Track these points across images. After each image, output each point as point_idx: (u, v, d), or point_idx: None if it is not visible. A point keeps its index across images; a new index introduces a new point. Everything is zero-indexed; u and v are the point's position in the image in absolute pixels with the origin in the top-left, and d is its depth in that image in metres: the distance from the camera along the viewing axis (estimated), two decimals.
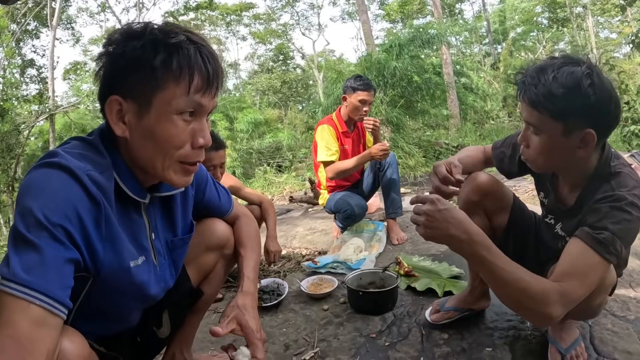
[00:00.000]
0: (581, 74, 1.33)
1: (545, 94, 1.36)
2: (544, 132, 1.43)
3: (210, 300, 1.83)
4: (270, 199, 8.23)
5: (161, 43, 1.08)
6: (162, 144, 1.13)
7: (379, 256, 3.27)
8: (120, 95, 1.10)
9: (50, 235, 0.95)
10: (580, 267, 1.34)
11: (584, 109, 1.34)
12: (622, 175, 1.45)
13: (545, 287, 1.30)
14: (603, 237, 1.33)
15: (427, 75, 10.80)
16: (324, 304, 2.55)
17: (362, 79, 3.73)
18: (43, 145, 21.52)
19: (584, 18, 25.87)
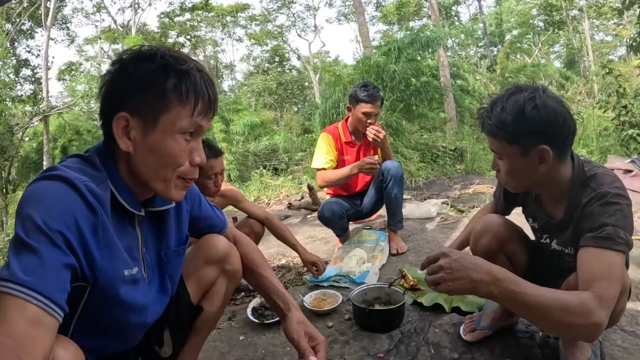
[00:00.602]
0: (524, 100, 1.50)
1: (497, 123, 1.54)
2: (505, 156, 1.59)
3: (211, 320, 1.76)
4: (267, 203, 8.18)
5: (172, 68, 1.18)
6: (164, 159, 1.20)
7: (382, 267, 3.19)
8: (128, 112, 1.16)
9: (49, 241, 0.98)
10: (600, 269, 1.37)
11: (532, 129, 1.49)
12: (598, 176, 1.55)
13: (582, 298, 1.31)
14: (606, 232, 1.40)
15: (424, 78, 10.75)
16: (328, 320, 2.47)
17: (368, 88, 3.53)
18: (37, 146, 21.41)
19: (579, 21, 25.94)
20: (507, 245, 1.93)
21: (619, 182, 1.54)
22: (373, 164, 3.30)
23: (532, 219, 1.90)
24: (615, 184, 1.51)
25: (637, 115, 7.52)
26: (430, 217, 4.67)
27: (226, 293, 1.75)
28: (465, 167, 9.26)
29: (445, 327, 2.26)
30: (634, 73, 15.04)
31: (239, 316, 2.66)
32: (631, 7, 9.61)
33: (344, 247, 3.55)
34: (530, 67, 18.84)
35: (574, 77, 22.65)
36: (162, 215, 1.43)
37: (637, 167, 5.36)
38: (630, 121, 7.47)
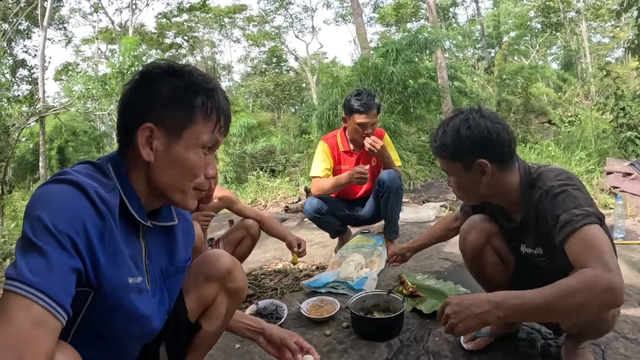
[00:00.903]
0: (459, 122, 1.70)
1: (440, 145, 1.74)
2: (452, 173, 1.79)
3: (210, 339, 1.71)
4: (264, 205, 8.13)
5: (200, 86, 1.25)
6: (185, 171, 1.26)
7: (380, 273, 3.15)
8: (154, 123, 1.21)
9: (58, 243, 0.99)
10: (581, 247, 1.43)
11: (469, 147, 1.67)
12: (543, 174, 1.69)
13: (581, 275, 1.34)
14: (563, 220, 1.49)
15: (422, 80, 10.72)
16: (325, 328, 2.43)
17: (361, 97, 3.40)
18: (34, 147, 21.34)
19: (577, 23, 25.96)
20: (493, 239, 1.99)
21: (564, 173, 1.66)
22: (362, 173, 3.23)
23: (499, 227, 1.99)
24: (558, 177, 1.63)
25: (635, 118, 7.52)
26: (429, 220, 4.64)
27: (227, 312, 1.69)
28: None
29: (445, 336, 2.22)
30: (632, 75, 15.07)
31: None
32: (629, 9, 9.58)
33: (342, 252, 3.50)
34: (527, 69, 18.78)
35: (571, 79, 22.67)
36: (167, 231, 1.44)
37: (637, 170, 5.35)
38: (629, 123, 7.47)
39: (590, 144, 8.13)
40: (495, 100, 17.49)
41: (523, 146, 9.14)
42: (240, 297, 1.72)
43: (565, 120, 14.98)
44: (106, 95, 16.41)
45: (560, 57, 32.32)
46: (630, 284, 2.74)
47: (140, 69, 1.29)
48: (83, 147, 23.67)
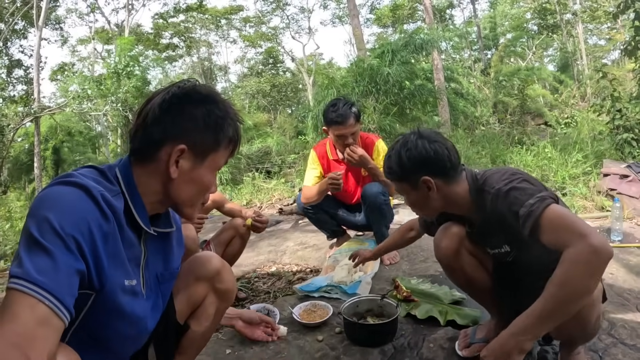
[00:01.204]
0: (399, 146, 1.82)
1: (388, 169, 1.89)
2: (403, 192, 1.90)
3: (199, 340, 1.70)
4: (259, 206, 8.09)
5: (229, 115, 1.36)
6: (202, 189, 1.37)
7: (374, 276, 3.10)
8: (186, 144, 1.27)
9: (64, 244, 1.01)
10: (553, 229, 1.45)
11: (410, 167, 1.78)
12: (488, 179, 1.74)
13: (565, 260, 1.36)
14: (527, 210, 1.51)
15: (418, 81, 10.70)
16: (318, 333, 2.38)
17: (337, 108, 3.29)
18: (29, 147, 21.26)
19: (573, 25, 25.99)
20: (466, 242, 2.00)
21: (507, 171, 1.72)
22: (335, 179, 3.16)
23: None
24: (502, 177, 1.68)
25: (632, 119, 7.51)
26: None
27: (216, 313, 1.70)
28: None
29: (440, 342, 2.18)
30: (628, 77, 15.09)
31: (226, 328, 2.55)
32: (625, 11, 9.59)
33: (335, 256, 3.45)
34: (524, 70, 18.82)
35: (567, 80, 22.71)
36: (164, 237, 1.46)
37: (634, 172, 5.33)
38: (625, 125, 7.45)
39: (586, 145, 8.11)
40: (491, 102, 17.51)
41: (519, 148, 9.11)
42: (230, 298, 1.73)
43: (562, 122, 14.98)
44: (102, 96, 16.37)
45: (557, 59, 32.36)
46: (628, 288, 2.71)
47: (177, 87, 1.33)
48: (78, 147, 23.60)
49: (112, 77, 16.22)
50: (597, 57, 29.08)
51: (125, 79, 16.15)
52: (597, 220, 4.64)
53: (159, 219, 1.42)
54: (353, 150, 3.25)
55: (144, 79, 17.20)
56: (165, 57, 31.69)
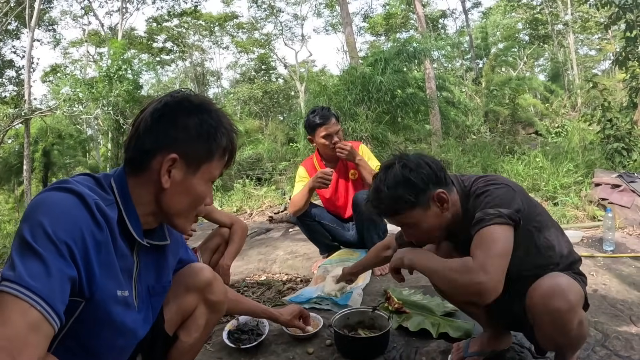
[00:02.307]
0: (397, 166, 1.72)
1: (395, 199, 1.70)
2: (416, 221, 1.75)
3: (188, 352, 1.67)
4: (249, 213, 8.03)
5: (223, 125, 1.34)
6: (195, 200, 1.35)
7: (365, 287, 3.06)
8: (178, 154, 1.27)
9: (56, 250, 1.01)
10: (479, 244, 1.56)
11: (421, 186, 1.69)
12: (474, 183, 1.77)
13: (464, 261, 1.56)
14: (482, 216, 1.60)
15: (410, 89, 10.71)
16: (308, 346, 2.33)
17: (317, 112, 3.48)
18: (19, 149, 21.08)
19: (565, 35, 26.24)
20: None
21: (492, 176, 1.77)
22: (326, 174, 3.23)
23: None
24: (487, 180, 1.73)
25: (622, 129, 7.57)
26: None
27: (207, 325, 1.68)
28: None
29: (432, 355, 2.15)
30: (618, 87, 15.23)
31: (215, 338, 2.51)
32: (616, 22, 9.68)
33: (325, 267, 3.40)
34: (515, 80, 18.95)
35: (558, 90, 22.93)
36: (158, 250, 1.46)
37: (625, 181, 5.34)
38: (615, 135, 7.52)
39: (577, 155, 8.15)
40: (482, 111, 17.61)
41: (510, 157, 9.13)
42: (220, 310, 1.72)
43: (552, 132, 15.08)
44: (93, 99, 16.27)
45: (548, 68, 32.66)
46: (621, 299, 2.70)
47: (170, 96, 1.33)
48: (69, 150, 23.44)
49: (103, 81, 16.12)
50: (588, 67, 29.40)
51: (117, 83, 16.07)
52: (588, 230, 4.64)
53: (153, 232, 1.40)
54: (342, 145, 3.38)
55: (136, 83, 17.11)
56: (158, 62, 31.62)
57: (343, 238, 3.69)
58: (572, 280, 1.61)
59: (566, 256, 1.75)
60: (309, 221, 3.57)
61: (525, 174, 7.38)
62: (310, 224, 3.59)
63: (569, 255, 1.77)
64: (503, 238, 1.55)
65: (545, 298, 1.55)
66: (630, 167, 6.86)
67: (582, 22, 25.81)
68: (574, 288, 1.58)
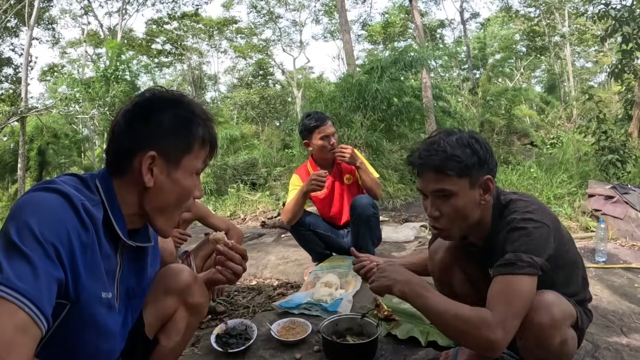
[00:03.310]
0: (466, 136, 1.62)
1: (448, 156, 1.57)
2: (455, 193, 1.60)
3: (168, 357, 1.63)
4: (243, 218, 8.00)
5: (199, 117, 1.35)
6: (182, 194, 1.35)
7: (356, 294, 3.04)
8: (156, 151, 1.27)
9: (43, 251, 1.00)
10: (501, 292, 1.48)
11: (479, 160, 1.58)
12: (512, 203, 1.65)
13: (481, 314, 1.44)
14: (506, 260, 1.50)
15: (407, 98, 10.72)
16: (296, 351, 2.31)
17: (312, 115, 3.52)
18: (14, 147, 21.00)
19: (561, 47, 26.41)
20: (460, 259, 1.94)
21: (534, 205, 1.63)
22: (320, 175, 3.19)
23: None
24: (527, 209, 1.60)
25: (617, 141, 7.62)
26: (408, 240, 4.56)
27: (187, 329, 1.64)
28: None
29: None
30: (614, 99, 15.31)
31: (203, 342, 2.49)
32: (613, 35, 9.76)
33: (316, 272, 3.38)
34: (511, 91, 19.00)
35: (554, 101, 23.02)
36: (141, 252, 1.46)
37: (618, 193, 5.35)
38: (610, 146, 7.57)
39: (572, 166, 8.18)
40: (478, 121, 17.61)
41: (505, 167, 9.16)
42: (201, 312, 1.69)
43: (548, 142, 15.14)
44: (90, 99, 16.27)
45: (544, 80, 32.86)
46: (612, 310, 2.69)
47: (139, 96, 1.35)
48: (64, 150, 23.37)
49: (100, 81, 16.11)
50: (584, 79, 29.58)
51: (114, 84, 16.06)
52: (581, 240, 4.64)
53: (137, 233, 1.40)
54: (342, 148, 3.38)
55: (133, 84, 17.10)
56: (156, 64, 31.64)
57: (337, 245, 3.66)
58: (563, 299, 1.58)
59: (577, 294, 1.72)
60: (304, 230, 3.53)
61: (519, 184, 7.41)
62: (304, 233, 3.55)
63: (580, 293, 1.74)
64: (528, 294, 1.47)
65: (529, 310, 1.50)
66: (625, 179, 6.89)
67: (579, 35, 26.01)
68: (562, 306, 1.56)
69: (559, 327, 1.53)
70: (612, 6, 9.57)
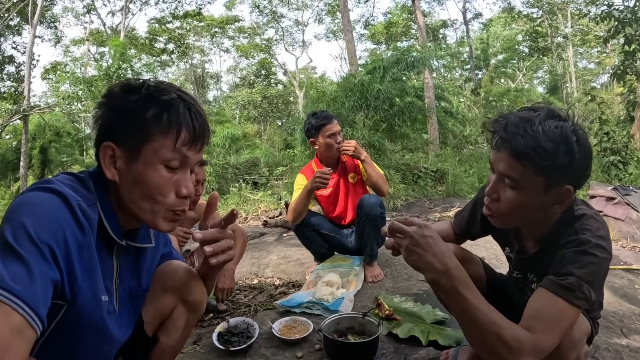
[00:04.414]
0: (568, 130, 1.32)
1: (535, 146, 1.31)
2: (523, 187, 1.38)
3: (169, 354, 1.62)
4: (245, 217, 8.02)
5: (154, 99, 1.21)
6: (147, 190, 1.22)
7: (357, 294, 3.05)
8: (114, 142, 1.21)
9: (39, 252, 0.98)
10: (548, 316, 1.29)
11: (569, 166, 1.32)
12: (585, 218, 1.43)
13: (519, 336, 1.25)
14: (568, 282, 1.30)
15: (409, 98, 10.73)
16: (297, 350, 2.32)
17: (318, 114, 3.54)
18: (16, 145, 21.06)
19: (564, 48, 26.38)
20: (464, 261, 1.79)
21: (605, 230, 1.41)
22: (324, 173, 3.17)
23: (509, 249, 1.77)
24: (599, 232, 1.38)
25: (619, 142, 7.61)
26: None
27: (186, 326, 1.61)
28: (446, 189, 9.22)
29: None
30: (616, 100, 15.30)
31: (204, 340, 2.50)
32: (615, 36, 9.75)
33: (317, 272, 3.38)
34: (513, 91, 19.06)
35: (556, 102, 23.01)
36: (140, 252, 1.43)
37: (620, 194, 5.34)
38: (612, 148, 7.57)
39: None
40: (480, 122, 17.62)
41: None
42: (199, 309, 1.63)
43: None
44: (92, 98, 16.28)
45: (546, 81, 32.84)
46: (612, 311, 2.68)
47: (107, 91, 1.28)
48: (66, 148, 23.40)
49: (103, 80, 16.13)
50: (587, 80, 29.53)
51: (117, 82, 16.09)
52: None
53: (136, 233, 1.37)
54: (347, 143, 3.41)
55: None
56: (159, 63, 31.68)
57: (341, 245, 3.66)
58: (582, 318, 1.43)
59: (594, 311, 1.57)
60: (308, 231, 3.53)
61: None
62: (308, 234, 3.55)
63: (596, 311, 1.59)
64: (570, 327, 1.32)
65: None
66: (626, 180, 6.89)
67: (582, 36, 25.98)
68: (581, 325, 1.42)
69: (575, 347, 1.42)
70: (615, 7, 9.57)
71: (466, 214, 1.92)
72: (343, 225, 3.70)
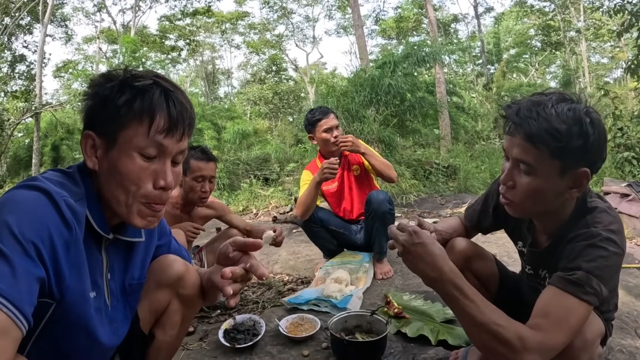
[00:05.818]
0: (581, 112, 1.32)
1: (548, 128, 1.30)
2: (538, 172, 1.37)
3: (166, 350, 1.60)
4: (255, 213, 8.02)
5: (127, 85, 1.18)
6: (121, 179, 1.19)
7: (366, 291, 3.02)
8: (94, 131, 1.20)
9: (23, 250, 0.97)
10: (555, 313, 1.27)
11: (583, 147, 1.31)
12: (597, 211, 1.42)
13: (522, 334, 1.23)
14: (576, 277, 1.28)
15: (420, 93, 10.66)
16: (304, 348, 2.30)
17: (315, 109, 3.58)
18: (29, 143, 21.21)
19: (577, 42, 26.13)
20: (473, 263, 1.85)
21: (618, 225, 1.38)
22: (332, 163, 3.15)
23: (522, 244, 1.75)
24: (611, 227, 1.36)
25: (633, 138, 7.51)
26: None
27: (182, 321, 1.58)
28: (457, 185, 9.14)
29: None
30: (630, 95, 15.10)
31: (211, 337, 2.49)
32: (629, 30, 9.62)
33: (326, 268, 3.36)
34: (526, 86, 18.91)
35: None
36: (131, 246, 1.41)
37: (634, 191, 5.25)
38: (626, 144, 7.47)
39: None
40: (492, 117, 17.52)
41: None
42: (195, 304, 1.59)
43: None
44: None
45: (559, 76, 32.48)
46: (626, 311, 2.63)
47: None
48: (78, 145, 23.32)
49: None
50: (600, 75, 29.25)
51: None
52: None
53: (126, 227, 1.34)
54: (343, 138, 3.39)
55: None
56: (169, 60, 31.80)
57: (350, 242, 3.65)
58: (596, 318, 1.41)
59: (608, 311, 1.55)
60: (316, 227, 3.53)
61: None
62: (316, 230, 3.55)
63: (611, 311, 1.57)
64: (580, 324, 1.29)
65: None
66: None
67: (595, 30, 25.73)
68: (594, 326, 1.39)
69: (588, 348, 1.38)
70: (628, 0, 9.43)
71: (478, 207, 1.90)
72: (352, 221, 3.68)
